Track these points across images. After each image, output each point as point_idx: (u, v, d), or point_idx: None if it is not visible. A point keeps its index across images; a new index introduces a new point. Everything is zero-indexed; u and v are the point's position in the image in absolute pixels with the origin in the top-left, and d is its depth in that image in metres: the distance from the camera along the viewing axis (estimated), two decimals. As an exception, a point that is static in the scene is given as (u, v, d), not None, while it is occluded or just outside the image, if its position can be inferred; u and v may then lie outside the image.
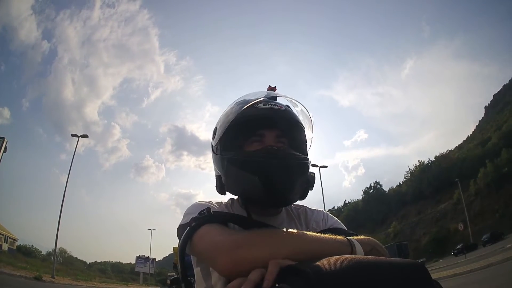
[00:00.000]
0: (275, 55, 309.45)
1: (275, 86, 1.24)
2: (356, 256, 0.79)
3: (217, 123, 1.22)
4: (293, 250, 0.83)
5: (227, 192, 1.18)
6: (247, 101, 1.14)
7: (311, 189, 1.19)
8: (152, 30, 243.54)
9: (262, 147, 1.12)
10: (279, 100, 1.21)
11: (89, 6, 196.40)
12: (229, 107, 1.20)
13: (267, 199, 1.06)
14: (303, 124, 1.21)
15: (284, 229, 0.94)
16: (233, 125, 1.13)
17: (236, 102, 1.20)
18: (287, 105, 1.21)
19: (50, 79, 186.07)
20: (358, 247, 0.91)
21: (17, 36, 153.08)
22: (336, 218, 1.29)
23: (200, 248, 0.97)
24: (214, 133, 1.22)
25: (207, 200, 1.24)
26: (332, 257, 0.73)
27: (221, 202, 1.27)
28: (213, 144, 1.23)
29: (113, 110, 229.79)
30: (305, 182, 1.15)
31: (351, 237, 0.96)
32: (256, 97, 1.16)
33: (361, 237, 1.01)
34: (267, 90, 1.23)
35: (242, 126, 1.13)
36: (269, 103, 1.15)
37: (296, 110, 1.23)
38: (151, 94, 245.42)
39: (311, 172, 1.18)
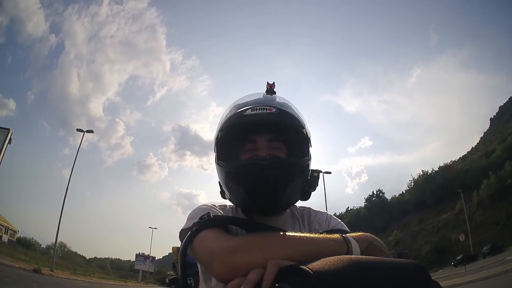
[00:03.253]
0: (281, 58, 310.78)
1: (274, 83, 1.23)
2: (357, 256, 0.79)
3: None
4: (289, 252, 0.83)
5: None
6: (237, 107, 1.14)
7: (313, 190, 1.19)
8: (160, 28, 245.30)
9: (250, 156, 1.12)
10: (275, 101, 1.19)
11: (97, 2, 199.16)
12: (223, 115, 1.20)
13: (254, 208, 1.10)
14: (299, 122, 1.14)
15: (279, 232, 0.94)
16: (223, 135, 1.13)
17: (231, 107, 1.19)
18: (279, 108, 1.13)
19: (56, 73, 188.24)
20: (354, 245, 0.92)
21: (25, 29, 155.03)
22: (339, 220, 1.29)
23: (198, 254, 0.98)
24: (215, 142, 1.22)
25: (210, 203, 1.24)
26: (332, 257, 0.73)
27: (226, 205, 1.28)
28: (215, 153, 1.22)
29: (118, 106, 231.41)
30: (302, 183, 1.13)
31: (347, 234, 0.97)
32: (250, 99, 1.17)
33: (359, 233, 1.01)
34: (266, 87, 1.23)
35: (233, 135, 1.13)
36: (259, 107, 1.10)
37: (294, 109, 1.18)
38: (156, 92, 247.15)
39: (314, 171, 1.17)
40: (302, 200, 1.20)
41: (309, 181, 1.16)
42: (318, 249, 0.86)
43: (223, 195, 1.21)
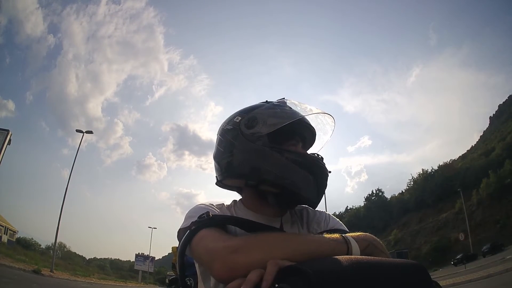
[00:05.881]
0: (280, 57, 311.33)
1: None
2: (356, 256, 0.79)
3: (256, 114, 1.17)
4: (289, 252, 0.83)
5: (232, 190, 1.24)
6: (289, 108, 1.21)
7: None
8: (157, 28, 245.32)
9: (309, 153, 1.21)
10: None
11: (95, 2, 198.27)
12: (272, 105, 1.21)
13: (313, 198, 1.13)
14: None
15: (279, 232, 0.95)
16: (291, 124, 1.13)
17: (281, 103, 1.23)
18: None
19: (55, 73, 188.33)
20: (354, 244, 0.91)
21: (23, 29, 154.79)
22: (337, 219, 1.29)
23: (197, 253, 0.97)
24: (252, 122, 1.15)
25: (208, 203, 1.23)
26: (332, 257, 0.74)
27: (223, 204, 1.27)
28: (248, 133, 1.15)
29: (116, 107, 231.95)
30: None
31: (347, 234, 0.97)
32: (302, 109, 1.23)
33: (358, 233, 1.01)
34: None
35: (290, 128, 1.14)
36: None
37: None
38: (155, 92, 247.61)
39: None
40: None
41: None
42: (318, 249, 0.86)
43: (254, 179, 1.13)
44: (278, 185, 1.11)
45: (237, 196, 1.31)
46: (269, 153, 1.11)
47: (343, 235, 0.95)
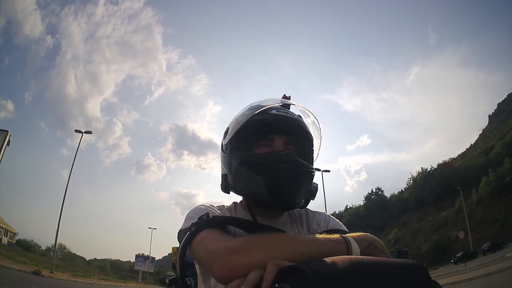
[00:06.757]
0: (280, 57, 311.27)
1: (290, 96, 1.27)
2: (356, 256, 0.79)
3: (230, 124, 1.24)
4: (289, 253, 0.83)
5: (231, 192, 1.20)
6: (261, 106, 1.17)
7: (313, 199, 1.21)
8: (156, 28, 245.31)
9: (270, 151, 1.15)
10: (292, 110, 1.24)
11: (93, 2, 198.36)
12: (243, 110, 1.22)
13: (270, 201, 1.08)
14: (312, 134, 1.24)
15: (279, 233, 0.95)
16: (245, 127, 1.15)
17: (250, 106, 1.21)
18: (299, 115, 1.23)
19: (53, 74, 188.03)
20: (354, 245, 0.91)
21: (22, 30, 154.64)
22: (337, 220, 1.30)
23: (197, 254, 0.98)
24: (226, 133, 1.24)
25: (208, 204, 1.24)
26: (332, 257, 0.74)
27: (224, 205, 1.29)
28: (223, 143, 1.24)
29: (115, 107, 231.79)
30: (308, 190, 1.18)
31: (347, 235, 0.97)
32: (270, 103, 1.19)
33: (358, 233, 1.00)
34: (282, 98, 1.26)
35: (254, 129, 1.16)
36: (282, 110, 1.19)
37: (307, 121, 1.25)
38: (154, 92, 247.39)
39: (314, 183, 1.20)
40: (302, 207, 1.22)
41: (312, 190, 1.20)
42: (318, 249, 0.86)
43: (224, 188, 1.21)
44: (238, 191, 1.17)
45: (238, 198, 1.31)
46: (228, 159, 1.18)
47: (343, 235, 0.95)
